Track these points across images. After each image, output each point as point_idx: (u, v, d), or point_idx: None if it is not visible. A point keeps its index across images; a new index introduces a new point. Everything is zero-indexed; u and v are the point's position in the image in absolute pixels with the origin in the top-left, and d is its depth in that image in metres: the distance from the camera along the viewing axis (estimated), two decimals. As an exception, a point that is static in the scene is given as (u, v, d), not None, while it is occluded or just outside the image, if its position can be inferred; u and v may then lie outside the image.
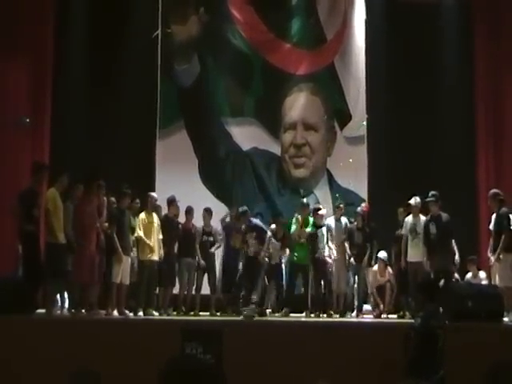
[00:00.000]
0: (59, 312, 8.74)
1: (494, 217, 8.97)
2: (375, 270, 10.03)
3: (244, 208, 9.96)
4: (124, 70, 11.59)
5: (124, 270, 8.89)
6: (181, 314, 9.56)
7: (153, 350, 6.41)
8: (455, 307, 7.76)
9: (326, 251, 9.80)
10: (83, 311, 8.49)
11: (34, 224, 8.25)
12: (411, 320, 7.74)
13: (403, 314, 9.67)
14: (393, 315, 9.94)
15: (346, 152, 12.36)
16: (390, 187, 11.55)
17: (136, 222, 9.23)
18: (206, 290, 9.86)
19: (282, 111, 12.39)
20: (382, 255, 9.98)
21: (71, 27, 11.70)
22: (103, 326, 7.62)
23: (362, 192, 12.08)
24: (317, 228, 9.83)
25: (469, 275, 10.32)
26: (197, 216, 10.00)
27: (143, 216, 9.28)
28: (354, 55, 12.56)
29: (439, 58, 12.40)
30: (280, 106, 12.37)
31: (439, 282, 8.77)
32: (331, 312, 9.66)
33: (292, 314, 9.74)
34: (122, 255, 8.83)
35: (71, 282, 8.65)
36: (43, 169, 8.81)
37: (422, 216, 9.54)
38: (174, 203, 9.74)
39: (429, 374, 6.04)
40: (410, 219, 9.60)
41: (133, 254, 9.21)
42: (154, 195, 9.68)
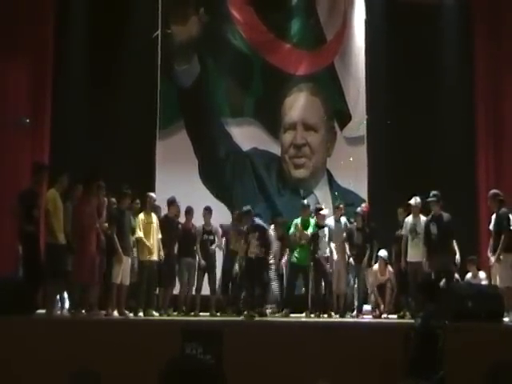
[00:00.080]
0: (59, 312, 8.75)
1: (493, 217, 8.98)
2: (375, 269, 10.04)
3: (247, 207, 9.95)
4: (124, 70, 11.58)
5: (124, 270, 8.89)
6: (181, 314, 9.56)
7: (153, 351, 6.41)
8: (455, 307, 7.76)
9: (327, 251, 9.81)
10: (83, 312, 8.50)
11: (34, 224, 8.24)
12: (411, 320, 7.75)
13: (403, 314, 9.67)
14: (393, 315, 9.94)
15: (345, 152, 12.37)
16: (390, 187, 11.56)
17: (136, 223, 9.24)
18: (206, 291, 9.86)
19: (282, 111, 12.39)
20: (382, 254, 9.99)
21: (71, 27, 11.69)
22: (103, 327, 7.62)
23: (361, 192, 12.09)
24: (318, 228, 9.84)
25: (469, 275, 10.33)
26: (197, 216, 10.01)
27: (142, 216, 9.28)
28: (353, 55, 12.56)
29: (439, 58, 12.41)
30: (280, 106, 12.37)
31: (440, 282, 8.78)
32: (331, 312, 9.67)
33: (292, 315, 9.75)
34: (122, 256, 8.82)
35: (71, 283, 8.65)
36: (43, 169, 8.81)
37: (422, 216, 9.54)
38: (174, 204, 9.74)
39: (429, 374, 6.05)
40: (410, 219, 9.60)
41: (133, 254, 9.22)
42: (153, 195, 9.67)
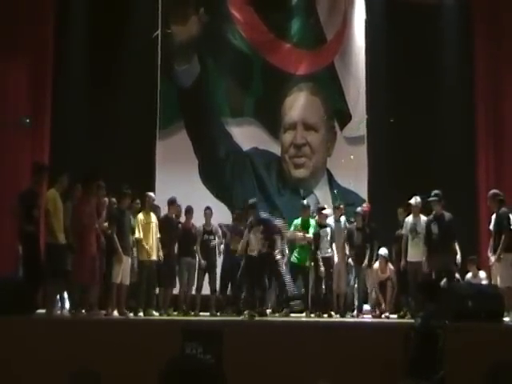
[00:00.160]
0: (59, 312, 8.74)
1: (493, 217, 8.98)
2: (376, 267, 10.04)
3: (253, 200, 9.91)
4: (124, 70, 11.58)
5: (124, 270, 8.89)
6: (181, 314, 9.56)
7: (153, 350, 6.40)
8: (455, 307, 7.75)
9: (329, 251, 9.80)
10: (83, 311, 8.50)
11: (34, 224, 8.24)
12: (411, 320, 7.74)
13: (404, 313, 9.67)
14: (393, 315, 9.94)
15: (346, 152, 12.37)
16: (390, 187, 11.56)
17: (135, 223, 9.23)
18: (206, 290, 9.86)
19: (282, 111, 12.38)
20: (382, 252, 10.00)
21: (71, 27, 11.68)
22: (103, 327, 7.61)
23: (362, 192, 12.09)
24: (320, 228, 9.83)
25: (469, 275, 10.33)
26: (197, 216, 10.00)
27: (141, 217, 9.26)
28: (354, 55, 12.56)
29: (439, 57, 12.41)
30: (280, 106, 12.36)
31: (440, 281, 8.78)
32: (331, 312, 9.66)
33: (292, 314, 9.75)
34: (122, 255, 8.82)
35: (71, 283, 8.64)
36: (43, 169, 8.80)
37: (422, 216, 9.55)
38: (174, 204, 9.74)
39: (429, 373, 6.05)
40: (410, 219, 9.60)
41: (133, 254, 9.21)
42: (152, 195, 9.67)
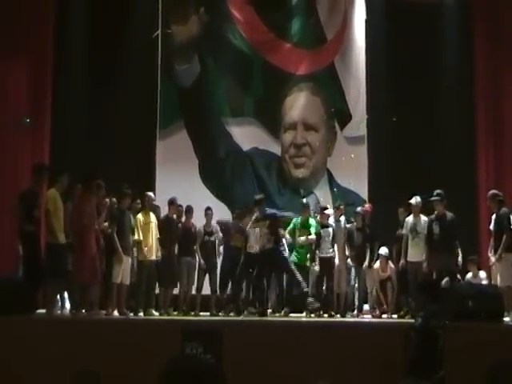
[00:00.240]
0: (59, 312, 8.74)
1: (493, 217, 8.98)
2: (377, 266, 10.03)
3: (261, 196, 9.88)
4: (124, 69, 11.58)
5: (124, 270, 8.89)
6: (181, 314, 9.56)
7: (153, 350, 6.40)
8: (455, 307, 7.75)
9: (330, 251, 9.79)
10: (83, 311, 8.50)
11: (35, 224, 8.24)
12: (411, 320, 7.74)
13: (404, 313, 9.66)
14: (393, 315, 9.93)
15: (346, 152, 12.37)
16: (391, 187, 11.55)
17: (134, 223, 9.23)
18: (206, 290, 9.85)
19: (282, 111, 12.38)
20: (383, 251, 9.99)
21: (71, 27, 11.69)
22: (103, 326, 7.61)
23: (362, 192, 12.09)
24: (322, 227, 9.82)
25: (469, 275, 10.32)
26: (197, 216, 10.00)
27: (140, 217, 9.26)
28: (354, 55, 12.56)
29: (439, 57, 12.40)
30: (280, 106, 12.36)
31: (441, 281, 8.77)
32: (332, 312, 9.66)
33: (292, 314, 9.74)
34: (122, 255, 8.82)
35: (71, 282, 8.64)
36: (43, 170, 8.80)
37: (422, 216, 9.54)
38: (174, 204, 9.74)
39: (429, 373, 6.05)
40: (410, 219, 9.60)
41: (133, 254, 9.21)
42: (151, 195, 9.66)
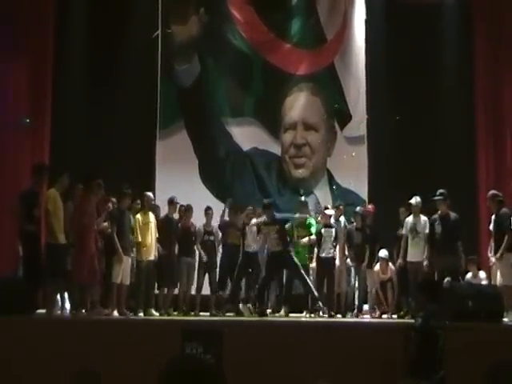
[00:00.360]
0: (59, 312, 8.74)
1: (493, 217, 8.98)
2: (377, 269, 10.02)
3: (269, 200, 9.88)
4: (124, 69, 11.58)
5: (124, 270, 8.89)
6: (181, 314, 9.56)
7: (153, 350, 6.39)
8: (455, 307, 7.75)
9: (331, 252, 9.79)
10: (83, 311, 8.49)
11: (35, 224, 8.25)
12: (411, 320, 7.74)
13: (404, 313, 9.66)
14: (394, 315, 9.93)
15: (346, 152, 12.37)
16: (391, 187, 11.55)
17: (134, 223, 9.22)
18: (206, 290, 9.85)
19: (282, 111, 12.38)
20: (382, 254, 9.97)
21: (71, 27, 11.70)
22: (103, 326, 7.61)
23: (362, 192, 12.09)
24: (325, 227, 9.82)
25: (469, 275, 10.31)
26: (197, 216, 10.00)
27: (139, 217, 9.26)
28: (354, 55, 12.56)
29: (439, 57, 12.40)
30: (280, 106, 12.36)
31: (443, 281, 8.76)
32: (332, 312, 9.65)
33: (292, 314, 9.74)
34: (122, 255, 8.82)
35: (71, 282, 8.64)
36: (43, 170, 8.80)
37: (422, 216, 9.55)
38: (173, 203, 9.74)
39: (429, 373, 6.05)
40: (410, 219, 9.60)
41: (133, 254, 9.21)
42: (150, 195, 9.67)
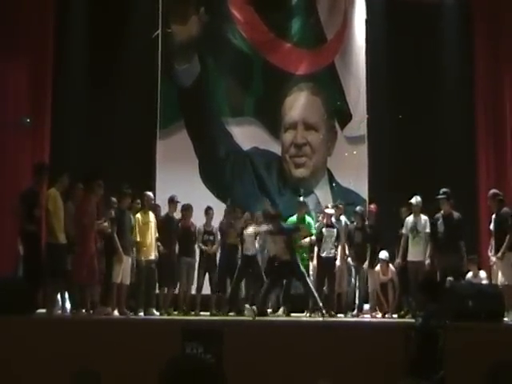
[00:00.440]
0: (59, 312, 8.74)
1: (493, 217, 8.98)
2: (377, 270, 10.01)
3: (277, 210, 9.87)
4: (124, 69, 11.56)
5: (124, 269, 8.89)
6: (181, 313, 9.56)
7: (153, 350, 6.40)
8: (455, 307, 7.75)
9: (332, 252, 9.78)
10: (83, 311, 8.50)
11: (36, 224, 8.25)
12: (412, 320, 7.74)
13: (404, 313, 9.66)
14: (394, 315, 9.93)
15: (346, 151, 12.36)
16: (391, 186, 11.55)
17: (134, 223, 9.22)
18: (206, 290, 9.86)
19: (283, 111, 12.37)
20: (382, 255, 9.97)
21: (71, 27, 11.67)
22: (103, 326, 7.61)
23: (362, 191, 12.08)
24: (327, 227, 9.82)
25: (469, 275, 10.30)
26: (198, 215, 10.00)
27: (139, 216, 9.26)
28: (354, 55, 12.55)
29: (439, 57, 12.40)
30: (280, 105, 12.35)
31: (445, 281, 8.75)
32: (332, 312, 9.65)
33: (292, 314, 9.74)
34: (122, 255, 8.82)
35: (71, 282, 8.64)
36: (44, 169, 8.81)
37: (422, 215, 9.55)
38: (173, 202, 9.75)
39: (429, 373, 6.05)
40: (410, 218, 9.60)
41: (133, 254, 9.21)
42: (150, 194, 9.67)
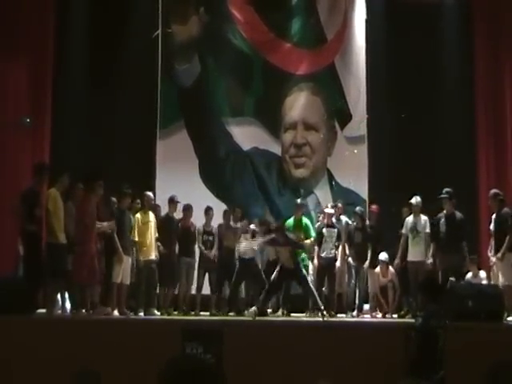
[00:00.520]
0: (60, 312, 8.74)
1: (493, 217, 8.97)
2: (377, 271, 10.01)
3: (279, 223, 9.86)
4: (124, 69, 11.57)
5: (124, 269, 8.89)
6: (181, 314, 9.56)
7: (153, 350, 6.40)
8: (455, 307, 7.75)
9: (332, 252, 9.77)
10: (83, 311, 8.50)
11: (36, 224, 8.25)
12: (412, 320, 7.74)
13: (404, 313, 9.66)
14: (394, 315, 9.93)
15: (347, 150, 12.36)
16: (391, 187, 11.54)
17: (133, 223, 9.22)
18: (206, 290, 9.86)
19: (283, 111, 12.37)
20: (382, 257, 9.97)
21: (71, 27, 11.68)
22: (103, 326, 7.61)
23: (362, 191, 12.08)
24: (327, 227, 9.81)
25: (469, 275, 10.31)
26: (198, 215, 10.00)
27: (138, 216, 9.26)
28: (354, 55, 12.55)
29: (439, 57, 12.39)
30: (280, 105, 12.35)
31: (446, 281, 8.75)
32: (332, 312, 9.64)
33: (292, 314, 9.74)
34: (122, 255, 8.82)
35: (71, 282, 8.64)
36: (44, 169, 8.80)
37: (422, 215, 9.56)
38: (173, 202, 9.75)
39: (429, 373, 6.05)
40: (410, 218, 9.61)
41: (133, 254, 9.21)
42: (150, 195, 9.67)
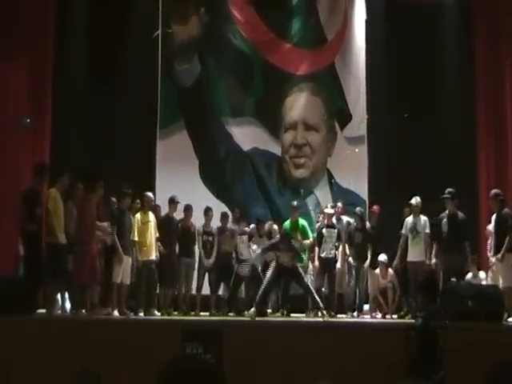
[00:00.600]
0: (60, 312, 8.74)
1: (494, 217, 8.97)
2: (377, 272, 10.01)
3: (283, 232, 9.86)
4: (124, 69, 11.57)
5: (124, 269, 8.89)
6: (181, 314, 9.56)
7: (153, 350, 6.41)
8: (455, 307, 7.76)
9: (332, 252, 9.77)
10: (83, 311, 8.50)
11: (37, 224, 8.25)
12: (412, 320, 7.74)
13: (404, 313, 9.66)
14: (394, 315, 9.93)
15: (347, 150, 12.36)
16: (391, 187, 11.55)
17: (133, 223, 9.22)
18: (206, 290, 9.86)
19: (283, 111, 12.38)
20: (382, 258, 9.96)
21: (71, 27, 11.68)
22: (103, 326, 7.62)
23: (362, 192, 12.09)
24: (327, 227, 9.80)
25: (469, 275, 10.30)
26: (198, 215, 10.00)
27: (138, 216, 9.26)
28: (354, 55, 12.56)
29: (439, 57, 12.39)
30: (280, 106, 12.36)
31: (448, 281, 8.74)
32: (332, 312, 9.64)
33: (292, 314, 9.74)
34: (122, 255, 8.82)
35: (72, 282, 8.64)
36: (44, 169, 8.80)
37: (422, 216, 9.55)
38: (174, 202, 9.75)
39: (429, 373, 6.05)
40: (410, 219, 9.60)
41: (133, 254, 9.20)
42: (151, 195, 9.67)
